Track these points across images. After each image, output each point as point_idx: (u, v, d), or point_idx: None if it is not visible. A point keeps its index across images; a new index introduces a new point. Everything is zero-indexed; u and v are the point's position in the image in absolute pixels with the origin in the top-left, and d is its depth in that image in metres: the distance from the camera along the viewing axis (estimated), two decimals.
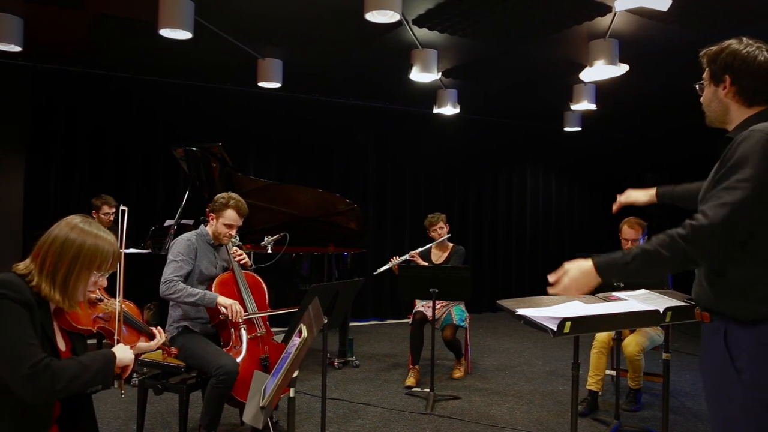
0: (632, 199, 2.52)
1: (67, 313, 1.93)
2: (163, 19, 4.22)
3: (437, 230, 5.10)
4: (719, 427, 1.76)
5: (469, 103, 7.24)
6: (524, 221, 9.39)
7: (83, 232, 1.88)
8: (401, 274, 4.55)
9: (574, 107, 6.61)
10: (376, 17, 4.09)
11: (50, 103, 6.40)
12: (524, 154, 9.36)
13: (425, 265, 4.92)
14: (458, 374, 5.08)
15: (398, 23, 4.54)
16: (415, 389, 4.66)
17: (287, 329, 2.98)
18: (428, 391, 4.39)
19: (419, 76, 5.42)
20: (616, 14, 4.57)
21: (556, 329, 1.94)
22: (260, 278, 3.64)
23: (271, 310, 3.59)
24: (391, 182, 8.27)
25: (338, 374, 5.13)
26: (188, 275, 3.36)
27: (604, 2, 4.42)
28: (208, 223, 3.51)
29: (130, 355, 2.02)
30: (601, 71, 5.14)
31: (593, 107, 6.48)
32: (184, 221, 5.18)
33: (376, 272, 4.81)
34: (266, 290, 3.62)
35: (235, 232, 3.49)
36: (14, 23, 4.79)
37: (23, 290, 1.78)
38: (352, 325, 6.18)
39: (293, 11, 4.71)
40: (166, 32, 4.29)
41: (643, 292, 2.50)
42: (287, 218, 5.46)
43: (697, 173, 2.16)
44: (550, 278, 1.90)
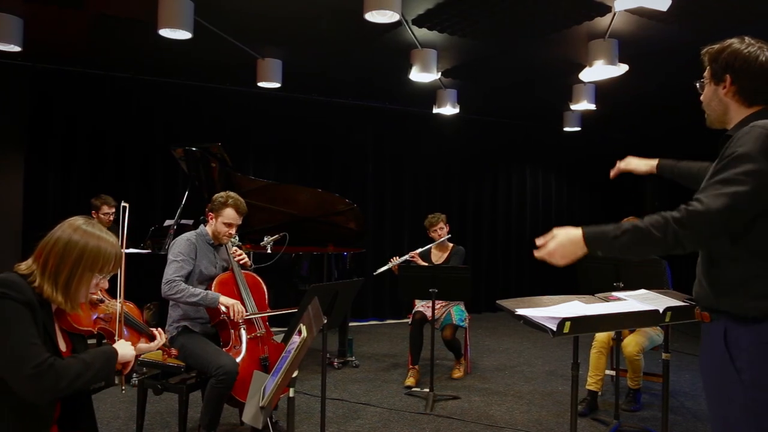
0: (632, 166, 2.51)
1: (68, 314, 1.93)
2: (162, 19, 4.22)
3: (437, 231, 5.09)
4: (719, 427, 1.76)
5: (468, 103, 7.24)
6: (524, 221, 9.39)
7: (86, 233, 1.88)
8: (401, 274, 4.55)
9: (573, 107, 6.61)
10: (375, 17, 4.09)
11: (50, 103, 6.40)
12: (524, 154, 9.36)
13: (425, 265, 4.92)
14: (458, 374, 5.08)
15: (398, 23, 4.54)
16: (414, 389, 4.66)
17: (287, 329, 2.98)
18: (428, 391, 4.39)
19: (419, 76, 5.43)
20: (615, 14, 4.57)
21: (555, 329, 1.94)
22: (260, 278, 3.64)
23: (271, 310, 3.59)
24: (390, 182, 8.27)
25: (338, 374, 5.13)
26: (189, 275, 3.36)
27: (603, 2, 4.42)
28: (207, 222, 3.51)
29: (131, 351, 2.04)
30: (600, 71, 5.15)
31: (593, 107, 6.48)
32: (183, 221, 5.18)
33: (376, 272, 4.80)
34: (266, 290, 3.62)
35: (234, 230, 3.49)
36: (14, 23, 4.79)
37: (25, 290, 1.78)
38: (351, 325, 6.18)
39: (293, 11, 4.71)
40: (165, 32, 4.30)
41: (642, 292, 2.49)
42: (287, 218, 5.46)
43: (694, 190, 2.16)
44: (537, 241, 1.89)
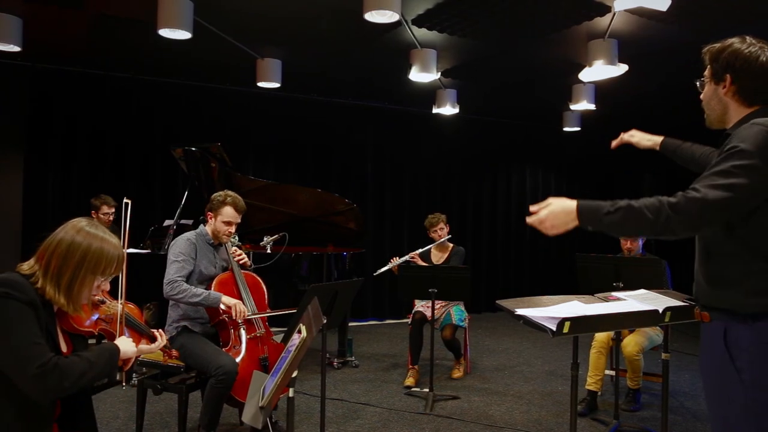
0: (636, 139, 2.50)
1: (69, 315, 1.93)
2: (162, 19, 4.22)
3: (437, 231, 5.08)
4: (719, 427, 1.76)
5: (468, 103, 7.24)
6: (523, 221, 9.27)
7: (89, 235, 1.88)
8: (401, 274, 4.55)
9: (573, 107, 6.61)
10: (375, 17, 4.09)
11: (49, 103, 6.40)
12: (523, 154, 9.36)
13: (425, 265, 4.91)
14: (457, 374, 5.08)
15: (397, 23, 4.54)
16: (414, 389, 4.66)
17: (286, 329, 2.98)
18: (427, 391, 4.39)
19: (418, 76, 5.42)
20: (615, 14, 4.57)
21: (555, 329, 1.94)
22: (259, 278, 3.64)
23: (270, 310, 3.59)
24: (390, 182, 8.27)
25: (337, 374, 5.12)
26: (189, 275, 3.36)
27: (603, 2, 4.42)
28: (207, 222, 3.51)
29: (133, 347, 2.07)
30: (600, 71, 5.15)
31: (592, 107, 6.48)
32: (183, 221, 5.17)
33: (376, 273, 4.81)
34: (266, 290, 3.62)
35: (234, 229, 3.48)
36: (13, 23, 4.79)
37: (28, 290, 1.78)
38: (351, 325, 6.18)
39: (292, 11, 4.71)
40: (165, 32, 4.30)
41: (642, 292, 2.50)
42: (286, 218, 5.46)
43: (696, 173, 2.15)
44: (531, 208, 1.90)
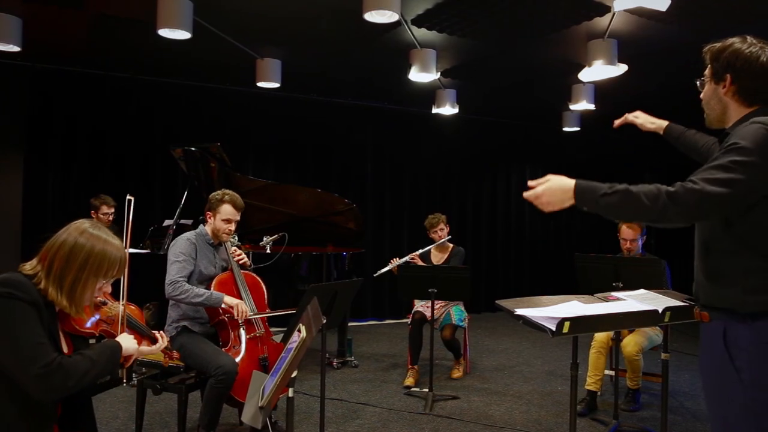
0: (640, 121, 2.50)
1: (71, 316, 1.93)
2: (162, 19, 4.22)
3: (438, 232, 5.08)
4: (719, 427, 1.76)
5: (467, 103, 7.24)
6: (523, 221, 9.39)
7: (92, 236, 1.88)
8: (400, 274, 4.55)
9: (572, 107, 6.61)
10: (374, 17, 4.09)
11: (49, 103, 6.40)
12: (523, 154, 9.36)
13: (425, 265, 4.91)
14: (457, 374, 5.08)
15: (397, 23, 4.54)
16: (413, 389, 4.66)
17: (286, 329, 2.98)
18: (427, 391, 4.39)
19: (418, 76, 5.42)
20: (614, 14, 4.57)
21: (554, 329, 1.94)
22: (259, 278, 3.64)
23: (271, 310, 3.59)
24: (389, 182, 8.27)
25: (337, 374, 5.12)
26: (189, 275, 3.35)
27: (602, 2, 4.42)
28: (206, 222, 3.51)
29: (134, 344, 2.07)
30: (599, 71, 5.15)
31: (592, 107, 6.48)
32: (182, 221, 5.17)
33: (376, 274, 4.82)
34: (265, 290, 3.62)
35: (234, 227, 3.48)
36: (13, 23, 4.78)
37: (31, 291, 1.78)
38: (350, 325, 6.17)
39: (292, 11, 4.71)
40: (165, 32, 4.29)
41: (642, 292, 2.50)
42: (286, 218, 5.46)
43: (697, 163, 2.14)
44: (530, 183, 1.89)
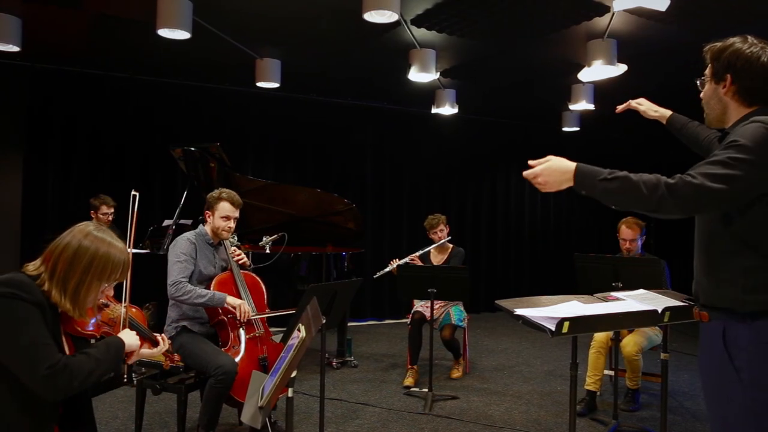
0: (643, 108, 2.48)
1: (73, 318, 1.93)
2: (161, 19, 4.22)
3: (437, 233, 5.08)
4: (718, 427, 1.76)
5: (467, 103, 7.24)
6: (522, 221, 9.38)
7: (96, 239, 1.88)
8: (400, 273, 4.55)
9: (572, 107, 6.61)
10: (374, 17, 4.09)
11: (48, 103, 6.39)
12: (523, 154, 9.27)
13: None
14: (456, 374, 5.08)
15: (396, 23, 4.54)
16: (413, 389, 4.66)
17: (286, 329, 2.98)
18: (426, 391, 4.39)
19: (417, 76, 5.42)
20: (614, 14, 4.57)
21: (554, 329, 1.94)
22: (259, 278, 3.63)
23: (270, 311, 3.59)
24: (389, 182, 8.27)
25: (336, 374, 5.12)
26: (190, 275, 3.35)
27: (602, 2, 4.42)
28: (206, 222, 3.51)
29: (136, 340, 2.09)
30: (599, 71, 5.15)
31: (591, 107, 6.48)
32: (182, 221, 5.17)
33: (376, 276, 4.82)
34: (265, 290, 3.62)
35: (233, 224, 3.47)
36: (13, 23, 4.78)
37: (35, 291, 1.78)
38: (350, 325, 6.17)
39: (291, 11, 4.71)
40: (164, 32, 4.29)
41: (641, 292, 2.50)
42: (285, 218, 5.46)
43: (698, 156, 2.13)
44: (530, 162, 1.90)
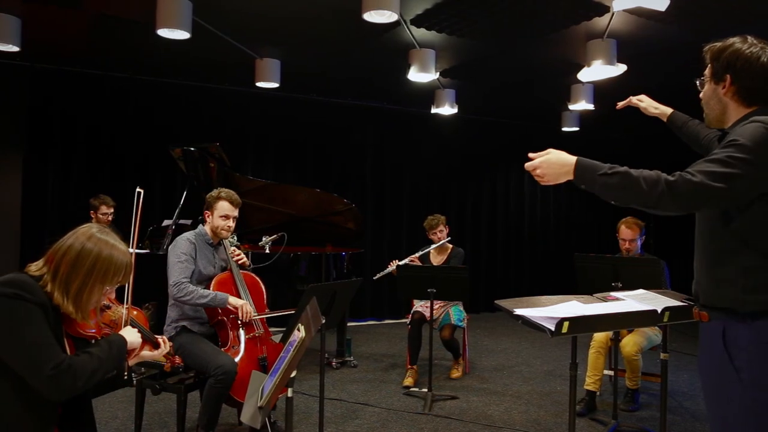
0: (644, 104, 2.48)
1: (75, 320, 1.93)
2: (161, 19, 4.22)
3: (437, 233, 5.08)
4: (718, 427, 1.76)
5: (467, 103, 7.24)
6: (522, 221, 9.38)
7: (100, 241, 1.88)
8: (400, 273, 4.55)
9: (572, 107, 6.61)
10: (374, 17, 4.09)
11: (48, 103, 6.39)
12: (522, 154, 9.18)
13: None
14: (456, 374, 5.08)
15: (396, 23, 4.54)
16: (413, 389, 4.65)
17: (285, 329, 2.98)
18: (426, 391, 4.39)
19: (417, 76, 5.42)
20: (614, 14, 4.57)
21: (554, 329, 1.94)
22: (258, 278, 3.63)
23: (270, 311, 3.59)
24: (389, 182, 8.27)
25: (336, 374, 5.12)
26: (191, 275, 3.35)
27: (602, 2, 4.42)
28: (205, 222, 3.50)
29: (138, 337, 2.11)
30: (599, 71, 5.15)
31: (591, 107, 6.48)
32: (182, 221, 5.17)
33: (375, 277, 4.83)
34: (264, 290, 3.62)
35: (232, 223, 3.47)
36: (12, 23, 4.78)
37: (38, 292, 1.78)
38: (350, 325, 6.17)
39: (291, 11, 4.71)
40: (164, 32, 4.29)
41: (641, 292, 2.50)
42: (285, 218, 5.46)
43: (698, 154, 2.13)
44: (530, 155, 1.90)
